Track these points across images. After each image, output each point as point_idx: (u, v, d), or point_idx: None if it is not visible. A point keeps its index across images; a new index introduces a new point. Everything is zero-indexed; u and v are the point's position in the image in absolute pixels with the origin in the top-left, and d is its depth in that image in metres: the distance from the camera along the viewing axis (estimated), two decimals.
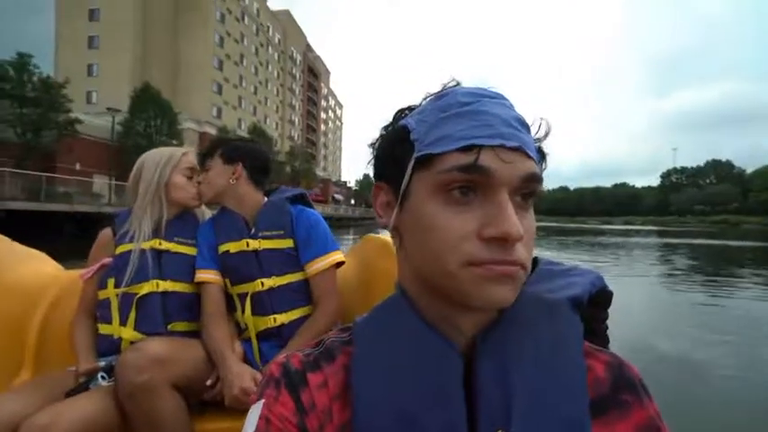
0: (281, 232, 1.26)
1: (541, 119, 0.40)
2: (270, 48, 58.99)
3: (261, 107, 56.41)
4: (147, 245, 1.24)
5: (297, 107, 68.72)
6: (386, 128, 0.45)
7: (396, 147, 0.41)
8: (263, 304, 1.22)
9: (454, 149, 0.35)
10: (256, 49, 54.47)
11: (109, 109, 23.87)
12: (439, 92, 0.41)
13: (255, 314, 1.23)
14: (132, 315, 1.19)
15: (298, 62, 69.45)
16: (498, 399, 0.35)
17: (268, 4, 58.06)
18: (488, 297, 0.35)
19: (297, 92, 69.42)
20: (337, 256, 1.27)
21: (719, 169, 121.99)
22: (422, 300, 0.40)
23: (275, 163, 42.92)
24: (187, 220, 1.35)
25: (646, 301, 7.43)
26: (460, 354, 0.37)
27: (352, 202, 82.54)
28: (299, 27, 69.80)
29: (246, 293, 1.23)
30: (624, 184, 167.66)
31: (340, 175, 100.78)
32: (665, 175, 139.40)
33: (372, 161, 0.46)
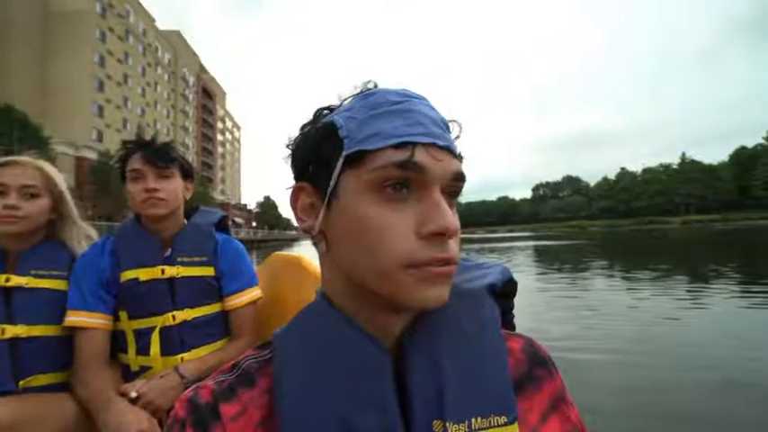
0: (204, 259, 1.12)
1: (454, 121, 0.40)
2: (159, 68, 56.67)
3: (149, 129, 53.43)
4: None
5: (190, 129, 66.23)
6: (305, 126, 0.43)
7: (322, 144, 0.39)
8: (173, 340, 1.05)
9: (388, 146, 0.35)
10: (144, 70, 52.06)
11: None
12: (364, 91, 0.41)
13: (164, 353, 1.04)
14: None
15: (191, 83, 67.32)
16: (431, 391, 0.36)
17: (157, 24, 56.04)
18: (426, 299, 0.35)
19: (190, 114, 67.00)
20: (257, 292, 1.19)
21: (572, 183, 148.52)
22: (348, 304, 0.39)
23: None
24: (53, 248, 1.09)
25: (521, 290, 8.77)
26: (389, 352, 0.37)
27: (254, 224, 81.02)
28: (190, 48, 68.01)
29: (152, 329, 1.03)
30: (506, 197, 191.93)
31: (240, 198, 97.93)
32: (536, 189, 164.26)
33: (291, 161, 0.43)
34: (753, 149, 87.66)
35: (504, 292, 0.48)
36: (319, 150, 0.39)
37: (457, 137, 0.40)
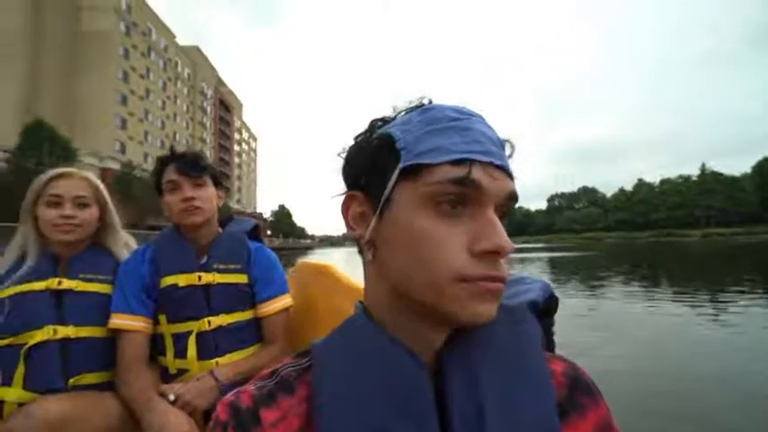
0: (238, 266, 1.17)
1: (508, 141, 0.40)
2: (179, 82, 58.81)
3: (169, 141, 55.20)
4: (39, 285, 1.02)
5: (208, 141, 68.11)
6: (359, 136, 0.44)
7: (377, 155, 0.39)
8: (208, 345, 1.09)
9: (446, 161, 0.35)
10: (164, 84, 54.13)
11: None
12: (422, 105, 0.41)
13: (201, 357, 1.08)
14: (20, 371, 0.95)
15: (209, 96, 69.45)
16: (471, 408, 0.35)
17: (177, 39, 58.26)
18: (475, 314, 0.35)
19: (208, 125, 69.01)
20: (288, 300, 1.22)
21: (588, 194, 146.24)
22: (390, 315, 0.39)
23: None
24: (99, 254, 1.15)
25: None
26: (428, 368, 0.37)
27: (269, 233, 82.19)
28: (209, 62, 70.27)
29: (189, 333, 1.08)
30: (521, 208, 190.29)
31: (255, 207, 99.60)
32: (551, 199, 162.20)
33: (343, 170, 0.44)
34: None
35: (546, 309, 0.48)
36: (375, 161, 0.39)
37: (509, 156, 0.40)
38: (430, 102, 0.42)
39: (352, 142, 0.44)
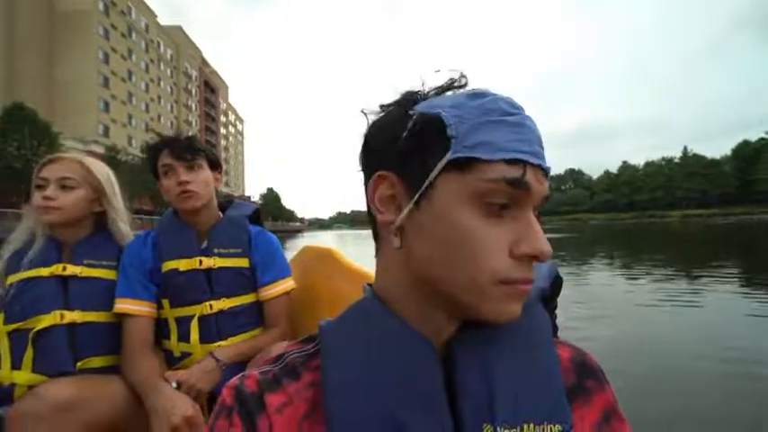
0: (239, 250, 1.17)
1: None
2: (162, 64, 57.71)
3: (154, 124, 54.71)
4: (45, 271, 1.04)
5: (194, 123, 67.37)
6: (389, 107, 0.40)
7: (423, 137, 0.36)
8: (210, 329, 1.10)
9: (501, 159, 0.33)
10: (147, 66, 53.16)
11: None
12: (474, 90, 0.38)
13: (203, 340, 1.09)
14: (29, 354, 0.97)
15: (193, 77, 68.34)
16: (481, 394, 0.35)
17: (158, 19, 56.86)
18: (506, 314, 0.35)
19: (193, 108, 68.13)
20: (291, 283, 1.22)
21: (575, 176, 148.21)
22: (405, 302, 0.38)
23: None
24: (103, 239, 1.16)
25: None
26: (438, 353, 0.37)
27: None
28: (192, 42, 68.80)
29: (191, 317, 1.09)
30: None
31: (243, 190, 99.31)
32: None
33: (367, 143, 0.40)
34: (756, 143, 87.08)
35: (551, 293, 0.48)
36: (418, 143, 0.36)
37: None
38: (465, 78, 0.39)
39: (378, 110, 0.40)
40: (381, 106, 0.41)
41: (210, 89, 75.80)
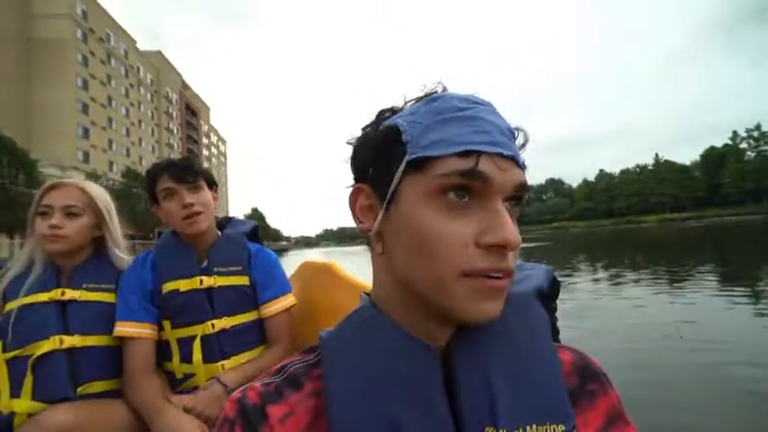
0: (239, 268, 1.18)
1: (520, 129, 0.39)
2: (142, 88, 57.75)
3: (135, 148, 54.47)
4: (43, 297, 1.04)
5: (175, 146, 67.13)
6: (368, 127, 0.43)
7: (384, 147, 0.38)
8: (212, 348, 1.09)
9: (453, 153, 0.34)
10: (127, 91, 53.13)
11: None
12: (429, 95, 0.40)
13: (206, 360, 1.08)
14: (28, 381, 0.96)
15: (174, 101, 68.34)
16: (482, 397, 0.35)
17: (138, 45, 57.17)
18: (478, 313, 0.34)
19: (175, 131, 67.96)
20: (291, 299, 1.22)
21: (555, 185, 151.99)
22: (398, 309, 0.39)
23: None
24: (101, 263, 1.15)
25: None
26: (437, 358, 0.37)
27: None
28: (172, 66, 69.11)
29: (193, 337, 1.09)
30: None
31: (227, 212, 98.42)
32: None
33: (351, 161, 0.43)
34: (721, 149, 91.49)
35: (549, 294, 0.48)
36: (380, 153, 0.39)
37: (522, 145, 0.39)
38: (444, 89, 0.41)
39: (360, 132, 0.43)
40: (362, 128, 0.44)
41: (191, 112, 75.85)
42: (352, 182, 0.43)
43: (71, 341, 1.02)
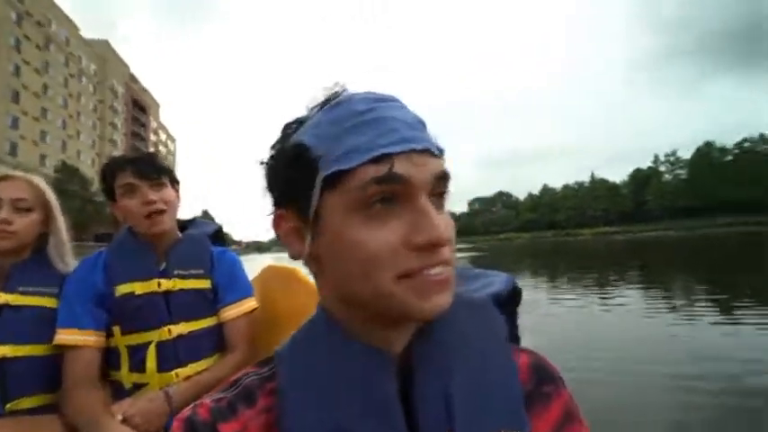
0: (200, 271, 1.12)
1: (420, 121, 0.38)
2: (84, 78, 54.20)
3: (72, 142, 50.85)
4: None
5: (119, 142, 63.26)
6: (275, 146, 0.40)
7: (293, 167, 0.36)
8: (168, 355, 1.02)
9: (365, 162, 0.33)
10: (66, 80, 49.66)
11: None
12: (329, 101, 0.38)
13: (160, 369, 1.01)
14: None
15: (119, 94, 64.56)
16: (438, 403, 0.35)
17: (82, 33, 53.64)
18: (424, 309, 0.34)
19: (119, 126, 64.13)
20: (252, 303, 1.17)
21: (503, 198, 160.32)
22: (349, 319, 0.38)
23: (93, 204, 39.43)
24: (40, 263, 1.06)
25: None
26: (393, 365, 0.37)
27: None
28: (120, 58, 65.38)
29: (147, 344, 1.01)
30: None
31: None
32: (471, 203, 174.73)
33: (266, 185, 0.40)
34: (647, 171, 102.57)
35: (509, 300, 0.48)
36: (293, 174, 0.37)
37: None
38: (344, 90, 0.39)
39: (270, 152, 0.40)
40: (271, 147, 0.40)
41: (140, 107, 71.88)
42: (271, 206, 0.40)
43: (1, 351, 0.93)
